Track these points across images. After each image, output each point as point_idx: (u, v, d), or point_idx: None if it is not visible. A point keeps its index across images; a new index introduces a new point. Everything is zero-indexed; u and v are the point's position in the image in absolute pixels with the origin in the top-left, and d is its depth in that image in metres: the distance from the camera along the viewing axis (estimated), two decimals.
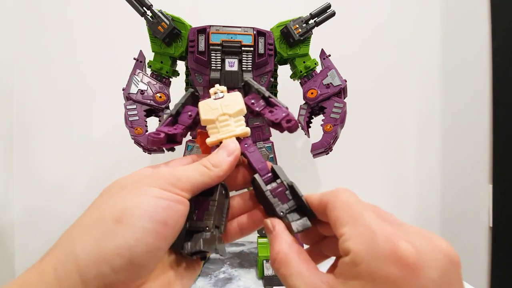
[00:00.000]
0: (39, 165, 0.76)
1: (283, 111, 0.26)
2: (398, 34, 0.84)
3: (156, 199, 0.20)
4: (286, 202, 0.24)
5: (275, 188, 0.24)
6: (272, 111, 0.27)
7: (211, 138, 0.26)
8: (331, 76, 0.55)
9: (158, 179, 0.22)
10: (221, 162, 0.24)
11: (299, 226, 0.23)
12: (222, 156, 0.24)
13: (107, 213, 0.20)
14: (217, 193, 0.25)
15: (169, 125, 0.27)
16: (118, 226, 0.19)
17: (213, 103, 0.27)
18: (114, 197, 0.21)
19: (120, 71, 0.58)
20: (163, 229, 0.20)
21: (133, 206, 0.20)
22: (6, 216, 0.74)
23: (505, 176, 0.78)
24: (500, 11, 0.78)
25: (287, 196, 0.24)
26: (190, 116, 0.28)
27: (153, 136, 0.25)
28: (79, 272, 0.18)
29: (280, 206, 0.24)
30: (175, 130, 0.26)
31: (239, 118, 0.27)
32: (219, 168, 0.24)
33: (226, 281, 0.53)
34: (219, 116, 0.26)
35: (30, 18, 0.77)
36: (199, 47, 0.52)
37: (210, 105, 0.27)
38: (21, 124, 0.76)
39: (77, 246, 0.19)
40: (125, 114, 0.53)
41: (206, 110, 0.27)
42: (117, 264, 0.18)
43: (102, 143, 0.77)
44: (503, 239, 0.78)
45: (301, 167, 0.81)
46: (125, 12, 0.56)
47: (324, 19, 0.55)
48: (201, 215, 0.24)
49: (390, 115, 0.84)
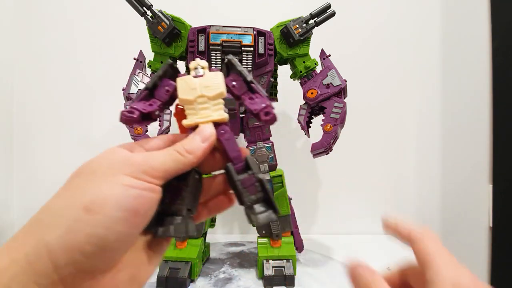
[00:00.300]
0: (39, 165, 0.76)
1: (262, 101, 0.25)
2: (398, 34, 0.84)
3: (127, 188, 0.20)
4: (254, 193, 0.25)
5: (246, 179, 0.25)
6: (252, 98, 0.26)
7: (188, 120, 0.25)
8: (331, 76, 0.55)
9: (131, 165, 0.21)
10: (196, 149, 0.24)
11: (264, 218, 0.24)
12: (197, 142, 0.24)
13: (77, 200, 0.20)
14: (190, 178, 0.25)
15: (144, 99, 0.26)
16: (88, 215, 0.19)
17: (192, 81, 0.25)
18: (84, 182, 0.21)
19: (120, 71, 0.58)
20: (134, 217, 0.20)
21: (103, 195, 0.20)
22: (6, 216, 0.74)
23: (505, 176, 0.78)
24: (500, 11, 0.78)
25: (256, 188, 0.25)
26: (168, 92, 0.26)
27: (126, 115, 0.24)
28: (50, 259, 0.18)
29: (248, 196, 0.25)
30: (151, 107, 0.25)
31: (218, 102, 0.25)
32: (193, 155, 0.23)
33: (226, 281, 0.53)
34: (197, 97, 0.25)
35: (30, 18, 0.77)
36: (199, 47, 0.52)
37: (188, 83, 0.25)
38: (21, 124, 0.76)
39: (48, 235, 0.19)
40: None
41: (184, 88, 0.25)
42: (88, 252, 0.19)
43: (102, 143, 0.77)
44: (503, 239, 0.78)
45: (301, 167, 0.81)
46: (125, 12, 0.56)
47: (324, 19, 0.55)
48: (173, 199, 0.24)
49: (390, 115, 0.84)
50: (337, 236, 0.80)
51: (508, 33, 0.77)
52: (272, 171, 0.56)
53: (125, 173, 0.21)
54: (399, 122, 0.85)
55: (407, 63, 0.84)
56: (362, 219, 0.84)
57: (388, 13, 0.84)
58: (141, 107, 0.25)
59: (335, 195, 0.83)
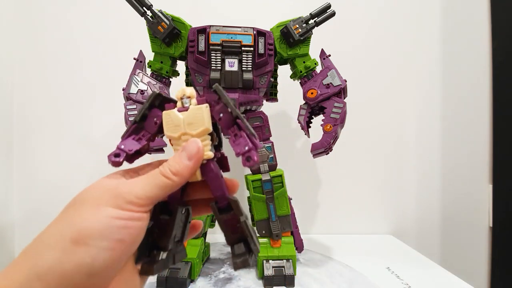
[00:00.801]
0: (39, 165, 0.76)
1: (246, 143, 0.24)
2: (398, 34, 0.84)
3: (112, 220, 0.21)
4: (235, 233, 0.25)
5: (228, 219, 0.25)
6: (237, 135, 0.25)
7: None
8: (331, 76, 0.55)
9: (116, 197, 0.22)
10: (181, 169, 0.23)
11: (239, 263, 0.24)
12: (183, 161, 0.24)
13: (66, 232, 0.21)
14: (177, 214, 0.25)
15: (133, 133, 0.26)
16: (75, 247, 0.20)
17: (177, 117, 0.25)
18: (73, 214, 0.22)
19: (120, 71, 0.58)
20: (120, 246, 0.21)
21: (89, 227, 0.21)
22: (6, 216, 0.74)
23: (505, 176, 0.78)
24: (500, 11, 0.78)
25: (237, 228, 0.25)
26: (156, 123, 0.26)
27: (112, 160, 0.24)
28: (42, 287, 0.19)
29: (230, 235, 0.25)
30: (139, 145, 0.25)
31: (204, 138, 0.25)
32: (178, 176, 0.23)
33: (226, 281, 0.53)
34: (181, 135, 0.25)
35: (30, 18, 0.77)
36: (199, 47, 0.52)
37: (173, 119, 0.25)
38: (21, 124, 0.76)
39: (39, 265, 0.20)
40: (125, 114, 0.53)
41: (169, 124, 0.25)
42: (78, 279, 0.20)
43: (102, 143, 0.77)
44: (503, 239, 0.78)
45: (301, 167, 0.81)
46: (125, 12, 0.56)
47: (324, 19, 0.55)
48: (160, 234, 0.25)
49: (390, 115, 0.84)
50: (337, 236, 0.80)
51: (508, 33, 0.77)
52: (272, 171, 0.56)
53: (111, 205, 0.22)
54: (399, 122, 0.85)
55: (407, 63, 0.84)
56: (362, 219, 0.84)
57: (388, 13, 0.84)
58: (128, 147, 0.25)
59: (335, 195, 0.83)
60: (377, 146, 0.84)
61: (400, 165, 0.85)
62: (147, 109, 0.26)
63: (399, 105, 0.84)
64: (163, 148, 0.55)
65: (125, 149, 0.25)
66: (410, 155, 0.85)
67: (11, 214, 0.75)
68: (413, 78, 0.84)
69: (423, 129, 0.85)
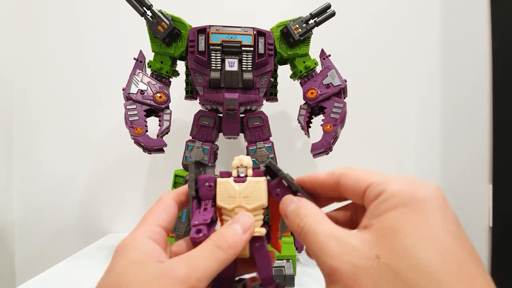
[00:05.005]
0: (39, 165, 0.76)
1: None
2: (398, 34, 0.84)
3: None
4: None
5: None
6: None
7: None
8: (331, 76, 0.55)
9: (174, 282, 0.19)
10: (237, 242, 0.22)
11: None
12: (238, 234, 0.22)
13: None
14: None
15: (198, 207, 0.24)
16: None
17: (233, 189, 0.24)
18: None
19: (120, 71, 0.58)
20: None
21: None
22: (6, 216, 0.74)
23: (505, 176, 0.78)
24: (500, 11, 0.78)
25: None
26: (211, 187, 0.24)
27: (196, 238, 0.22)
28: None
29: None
30: (209, 214, 0.24)
31: (257, 213, 0.24)
32: (234, 249, 0.22)
33: None
34: (235, 207, 0.24)
35: (31, 18, 0.77)
36: (199, 47, 0.52)
37: (228, 190, 0.24)
38: (21, 124, 0.77)
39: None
40: (125, 114, 0.53)
41: (223, 195, 0.24)
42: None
43: (102, 143, 0.77)
44: (503, 239, 0.78)
45: (301, 167, 0.81)
46: (125, 12, 0.57)
47: (324, 19, 0.55)
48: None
49: (390, 115, 0.84)
50: None
51: (508, 33, 0.77)
52: None
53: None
54: (399, 122, 0.85)
55: (407, 63, 0.84)
56: None
57: (388, 13, 0.84)
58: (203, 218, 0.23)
59: None
60: (377, 146, 0.84)
61: (400, 165, 0.85)
62: (195, 181, 0.25)
63: (399, 105, 0.84)
64: (163, 148, 0.55)
65: (204, 229, 0.23)
66: (410, 155, 0.85)
67: (11, 214, 0.75)
68: (413, 78, 0.84)
69: (423, 129, 0.85)
